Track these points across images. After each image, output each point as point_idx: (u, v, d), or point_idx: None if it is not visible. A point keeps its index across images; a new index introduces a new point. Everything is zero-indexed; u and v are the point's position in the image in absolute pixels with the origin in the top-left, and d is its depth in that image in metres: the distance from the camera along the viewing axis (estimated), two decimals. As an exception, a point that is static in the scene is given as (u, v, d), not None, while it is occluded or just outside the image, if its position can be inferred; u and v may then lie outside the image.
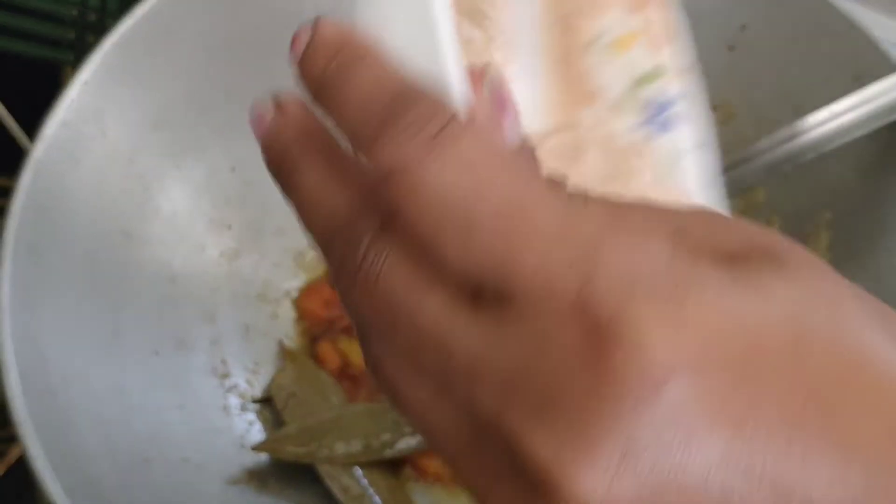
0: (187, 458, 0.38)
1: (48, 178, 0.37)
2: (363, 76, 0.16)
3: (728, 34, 0.44)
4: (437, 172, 0.14)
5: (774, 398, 0.13)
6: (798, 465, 0.13)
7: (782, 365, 0.13)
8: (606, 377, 0.13)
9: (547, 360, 0.13)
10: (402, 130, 0.15)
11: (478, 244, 0.14)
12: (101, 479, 0.33)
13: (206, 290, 0.43)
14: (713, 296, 0.13)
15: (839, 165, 0.40)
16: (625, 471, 0.12)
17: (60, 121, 0.37)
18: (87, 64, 0.38)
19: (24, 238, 0.35)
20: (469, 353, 0.14)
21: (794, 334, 0.13)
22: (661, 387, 0.12)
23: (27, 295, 0.35)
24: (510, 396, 0.13)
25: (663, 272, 0.13)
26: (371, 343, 0.16)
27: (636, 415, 0.12)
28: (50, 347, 0.35)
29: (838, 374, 0.13)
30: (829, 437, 0.13)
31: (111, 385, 0.37)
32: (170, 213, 0.42)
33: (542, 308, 0.13)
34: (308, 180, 0.17)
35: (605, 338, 0.13)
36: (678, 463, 0.12)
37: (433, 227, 0.14)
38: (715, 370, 0.13)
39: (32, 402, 0.32)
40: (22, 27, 0.44)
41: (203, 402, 0.40)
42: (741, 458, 0.13)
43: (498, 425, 0.14)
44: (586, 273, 0.13)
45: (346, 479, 0.39)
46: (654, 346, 0.13)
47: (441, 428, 0.15)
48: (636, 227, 0.14)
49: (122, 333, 0.38)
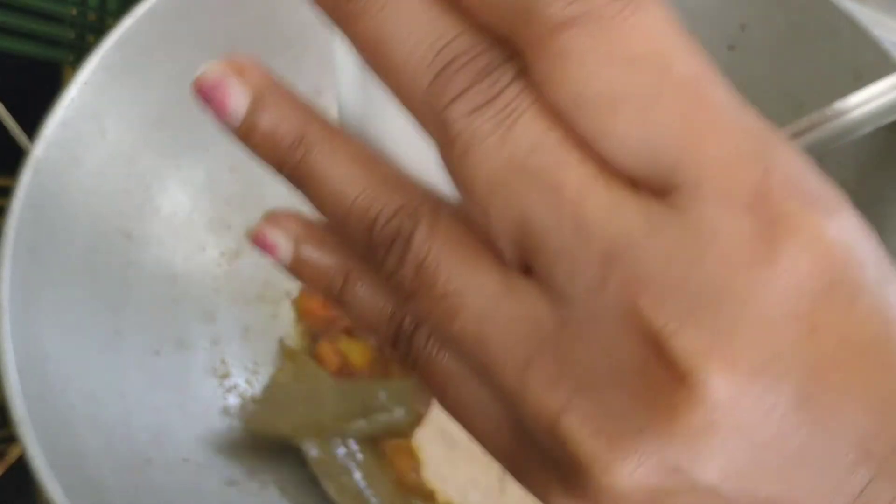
0: (187, 458, 0.38)
1: (48, 177, 0.37)
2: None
3: (728, 34, 0.44)
4: (627, 34, 0.13)
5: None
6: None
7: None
8: (779, 265, 0.12)
9: (713, 251, 0.12)
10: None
11: (656, 120, 0.13)
12: (100, 480, 0.33)
13: (206, 290, 0.43)
14: (852, 218, 0.13)
15: (839, 165, 0.40)
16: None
17: (60, 120, 0.37)
18: (86, 63, 0.38)
19: (24, 238, 0.35)
20: (618, 236, 0.13)
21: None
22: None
23: (26, 294, 0.35)
24: (658, 287, 0.13)
25: (823, 188, 0.13)
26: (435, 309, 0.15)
27: (812, 304, 0.12)
28: (49, 347, 0.35)
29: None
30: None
31: (111, 385, 0.37)
32: (170, 212, 0.42)
33: (717, 196, 0.13)
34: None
35: (782, 233, 0.12)
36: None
37: (605, 94, 0.13)
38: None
39: (32, 401, 0.32)
40: (21, 26, 0.44)
41: (203, 402, 0.41)
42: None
43: (635, 313, 0.13)
44: (766, 168, 0.13)
45: (343, 479, 0.39)
46: (826, 249, 0.13)
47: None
48: (788, 144, 0.14)
49: (121, 333, 0.38)
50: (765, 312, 0.12)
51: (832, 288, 0.13)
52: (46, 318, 0.35)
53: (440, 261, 0.15)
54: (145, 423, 0.37)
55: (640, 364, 0.13)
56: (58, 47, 0.46)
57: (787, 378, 0.13)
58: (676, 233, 0.13)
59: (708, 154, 0.13)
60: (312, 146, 0.16)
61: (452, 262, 0.15)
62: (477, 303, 0.14)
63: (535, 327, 0.14)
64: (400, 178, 0.16)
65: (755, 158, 0.13)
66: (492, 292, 0.14)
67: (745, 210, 0.12)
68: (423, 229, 0.15)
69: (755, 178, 0.13)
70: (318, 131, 0.16)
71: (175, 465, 0.37)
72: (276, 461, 0.40)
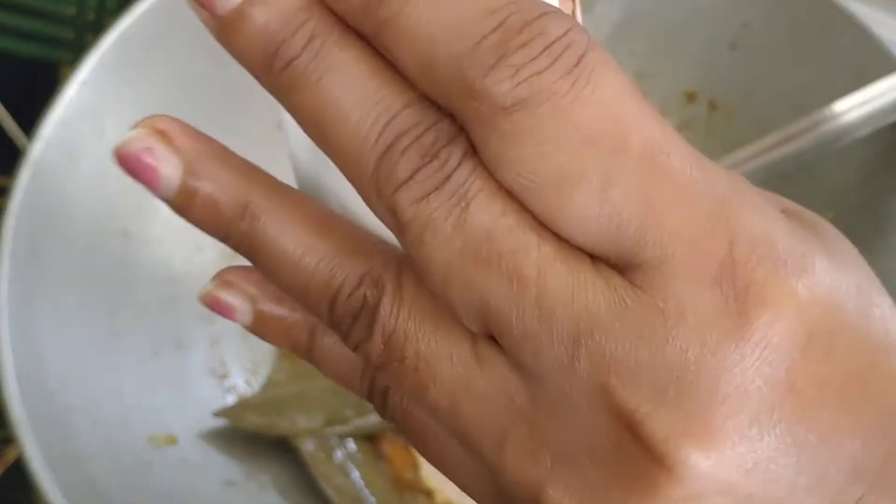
0: (186, 458, 0.38)
1: (46, 177, 0.37)
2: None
3: (729, 32, 0.44)
4: (580, 111, 0.12)
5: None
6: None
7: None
8: (752, 338, 0.12)
9: (682, 331, 0.12)
10: (531, 55, 0.12)
11: (615, 198, 0.12)
12: (99, 480, 0.33)
13: (204, 291, 0.43)
14: (823, 270, 0.13)
15: (841, 165, 0.40)
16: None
17: (58, 120, 0.37)
18: (85, 63, 0.38)
19: (23, 238, 0.35)
20: (583, 318, 0.12)
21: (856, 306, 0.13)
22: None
23: (25, 295, 0.35)
24: (628, 368, 0.12)
25: (791, 245, 0.13)
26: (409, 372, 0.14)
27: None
28: (48, 347, 0.35)
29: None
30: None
31: (110, 385, 0.37)
32: (168, 213, 0.42)
33: (683, 273, 0.12)
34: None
35: (753, 304, 0.12)
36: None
37: (561, 174, 0.12)
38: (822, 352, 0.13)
39: (30, 402, 0.32)
40: (20, 26, 0.44)
41: (202, 402, 0.41)
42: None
43: (607, 393, 0.12)
44: (731, 238, 0.12)
45: (341, 479, 0.39)
46: (799, 311, 0.12)
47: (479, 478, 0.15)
48: (755, 195, 0.13)
49: (120, 334, 0.38)
50: (740, 385, 0.12)
51: (809, 343, 0.12)
52: (45, 319, 0.35)
53: (408, 331, 0.14)
54: (144, 423, 0.37)
55: (616, 442, 0.13)
56: (56, 47, 0.46)
57: (769, 435, 0.12)
58: (643, 312, 0.12)
59: (670, 229, 0.12)
60: (259, 214, 0.15)
61: (421, 332, 0.14)
62: (448, 375, 0.14)
63: (508, 402, 0.13)
64: (359, 239, 0.15)
65: (719, 227, 0.12)
66: (462, 364, 0.14)
67: (712, 285, 0.12)
68: (388, 299, 0.14)
69: (721, 251, 0.12)
70: (264, 197, 0.15)
71: (174, 465, 0.37)
72: (274, 461, 0.40)
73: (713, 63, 0.45)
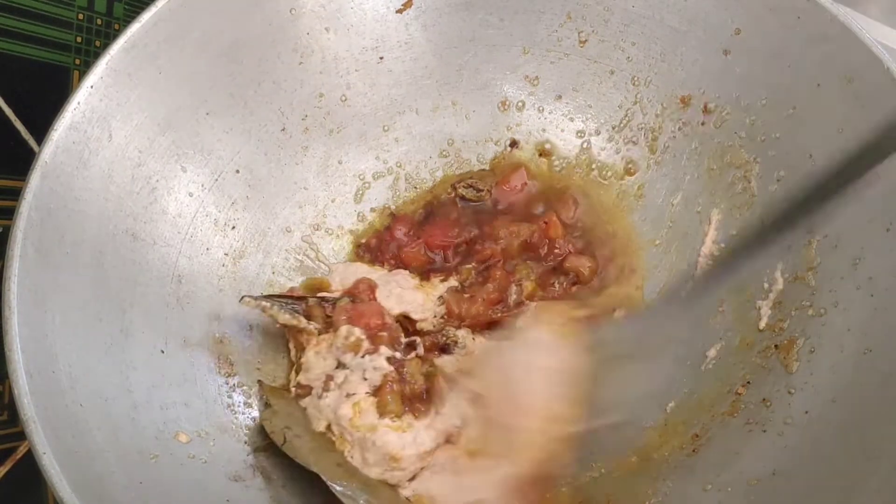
0: (193, 454, 0.38)
1: (56, 180, 0.37)
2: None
3: (723, 38, 0.44)
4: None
5: None
6: None
7: None
8: None
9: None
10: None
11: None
12: (107, 476, 0.34)
13: (211, 290, 0.44)
14: None
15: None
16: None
17: (68, 124, 0.38)
18: (93, 68, 0.39)
19: (32, 239, 0.36)
20: None
21: None
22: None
23: (35, 295, 0.35)
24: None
25: None
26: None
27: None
28: (57, 346, 0.35)
29: None
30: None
31: (118, 383, 0.37)
32: (175, 214, 0.43)
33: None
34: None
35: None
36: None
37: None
38: None
39: (40, 400, 0.33)
40: (29, 31, 0.45)
41: (208, 399, 0.41)
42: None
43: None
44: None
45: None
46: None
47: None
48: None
49: (128, 332, 0.39)
50: None
51: None
52: (54, 318, 0.36)
53: None
54: (151, 420, 0.37)
55: None
56: (65, 52, 0.47)
57: None
58: None
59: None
60: None
61: None
62: None
63: None
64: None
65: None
66: None
67: None
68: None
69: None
70: None
71: (181, 461, 0.37)
72: (280, 457, 0.40)
73: (707, 68, 0.46)
